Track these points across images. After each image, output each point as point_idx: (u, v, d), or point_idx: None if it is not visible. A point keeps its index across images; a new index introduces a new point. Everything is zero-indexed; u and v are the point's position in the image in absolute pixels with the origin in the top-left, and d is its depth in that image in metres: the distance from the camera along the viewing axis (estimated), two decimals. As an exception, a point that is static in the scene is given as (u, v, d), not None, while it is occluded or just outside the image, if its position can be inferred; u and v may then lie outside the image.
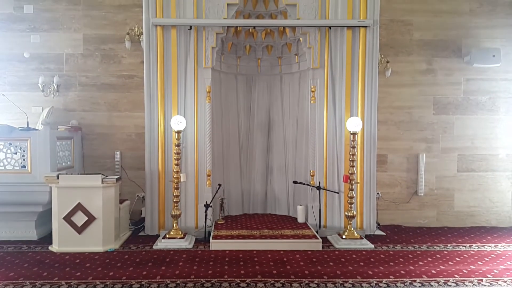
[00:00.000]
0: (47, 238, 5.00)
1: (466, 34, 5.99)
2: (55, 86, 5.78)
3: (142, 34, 5.36)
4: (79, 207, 4.62)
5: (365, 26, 5.24)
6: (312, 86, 5.42)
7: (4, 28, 5.88)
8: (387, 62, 5.84)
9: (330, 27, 5.28)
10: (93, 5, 5.90)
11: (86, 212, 4.63)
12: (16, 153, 4.89)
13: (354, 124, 4.95)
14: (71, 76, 5.94)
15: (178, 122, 4.87)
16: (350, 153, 5.00)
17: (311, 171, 5.48)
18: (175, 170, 4.88)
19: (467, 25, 6.00)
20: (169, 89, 5.28)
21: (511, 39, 6.00)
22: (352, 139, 4.98)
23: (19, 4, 5.88)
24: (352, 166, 4.99)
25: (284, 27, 5.65)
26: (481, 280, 3.88)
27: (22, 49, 5.89)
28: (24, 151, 4.89)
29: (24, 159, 4.89)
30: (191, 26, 5.22)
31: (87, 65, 5.95)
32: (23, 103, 5.78)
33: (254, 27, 5.67)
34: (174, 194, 4.91)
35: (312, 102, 5.43)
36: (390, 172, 6.06)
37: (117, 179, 4.85)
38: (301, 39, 5.46)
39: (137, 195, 5.86)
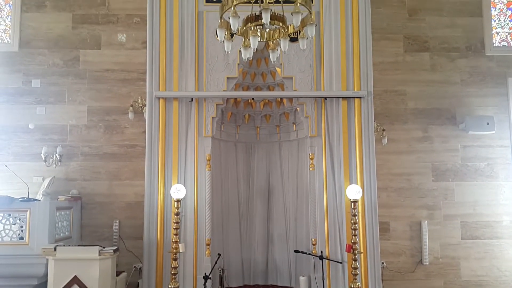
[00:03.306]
0: (40, 314, 4.81)
1: (459, 103, 6.18)
2: (58, 156, 5.87)
3: (145, 105, 5.56)
4: (75, 280, 4.49)
5: (360, 97, 5.43)
6: (310, 154, 5.50)
7: (11, 101, 6.10)
8: (383, 130, 5.96)
9: (325, 98, 5.47)
10: (99, 79, 6.17)
11: (82, 285, 4.49)
12: (14, 224, 4.84)
13: (354, 191, 4.93)
14: (74, 146, 6.06)
15: (178, 191, 4.86)
16: (352, 221, 4.91)
17: (313, 239, 5.38)
18: (174, 240, 4.79)
19: (459, 94, 6.20)
20: (169, 158, 5.35)
21: (503, 107, 6.18)
22: (353, 207, 4.92)
23: (28, 78, 6.14)
24: (355, 235, 4.88)
25: (281, 98, 5.85)
26: None
27: (28, 121, 6.04)
28: (23, 222, 4.83)
29: (22, 231, 4.82)
30: (192, 98, 5.42)
31: (91, 136, 6.09)
32: (25, 173, 5.83)
33: (253, 98, 5.87)
34: (172, 266, 4.76)
35: (311, 169, 5.48)
36: (394, 240, 5.95)
37: (115, 251, 4.76)
38: (298, 109, 5.63)
39: (134, 266, 5.71)
